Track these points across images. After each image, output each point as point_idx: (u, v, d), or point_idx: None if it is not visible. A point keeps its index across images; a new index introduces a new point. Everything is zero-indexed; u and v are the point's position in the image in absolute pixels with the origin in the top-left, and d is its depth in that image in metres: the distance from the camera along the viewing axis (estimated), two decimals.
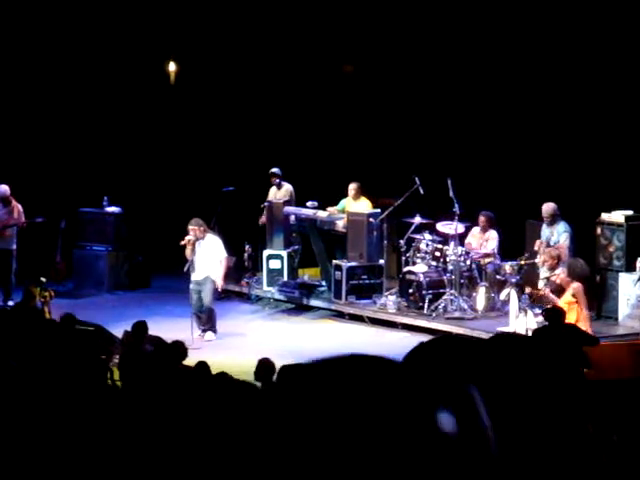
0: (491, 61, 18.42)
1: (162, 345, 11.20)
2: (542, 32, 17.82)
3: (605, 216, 15.80)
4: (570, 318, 13.42)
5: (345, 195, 17.68)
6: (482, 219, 16.41)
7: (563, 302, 13.67)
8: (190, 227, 15.57)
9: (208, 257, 15.51)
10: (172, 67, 21.57)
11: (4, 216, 17.54)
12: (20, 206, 17.60)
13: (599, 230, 15.81)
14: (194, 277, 15.56)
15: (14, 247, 17.50)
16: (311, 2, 20.10)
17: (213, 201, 17.52)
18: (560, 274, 14.21)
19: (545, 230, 15.69)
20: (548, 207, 15.59)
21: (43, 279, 15.30)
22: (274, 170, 18.06)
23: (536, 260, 15.50)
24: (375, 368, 1.61)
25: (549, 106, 17.92)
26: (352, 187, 17.54)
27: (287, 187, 18.12)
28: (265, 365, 9.82)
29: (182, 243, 15.56)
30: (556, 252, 14.75)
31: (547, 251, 14.92)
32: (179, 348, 10.72)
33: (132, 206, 19.09)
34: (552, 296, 13.94)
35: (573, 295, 13.68)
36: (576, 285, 13.78)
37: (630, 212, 15.67)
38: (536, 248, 15.62)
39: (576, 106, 17.65)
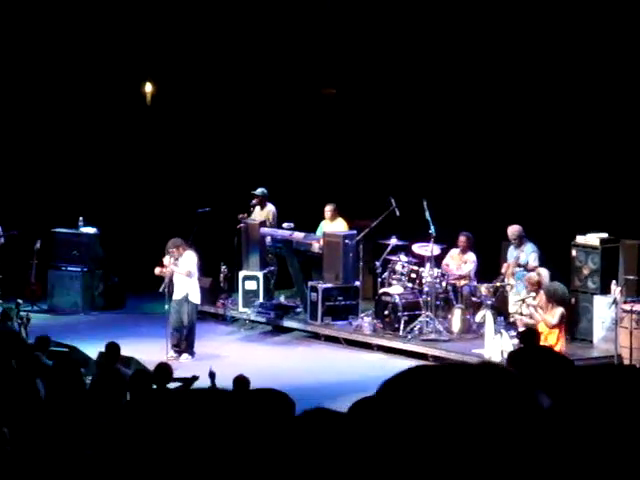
0: (466, 85, 18.51)
1: (144, 368, 11.12)
2: (517, 59, 17.93)
3: (580, 239, 15.87)
4: (550, 341, 13.47)
5: (321, 217, 17.72)
6: (462, 239, 16.43)
7: (544, 325, 13.75)
8: (168, 249, 15.52)
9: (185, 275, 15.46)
10: (148, 88, 21.56)
11: None
12: None
13: (574, 252, 15.87)
14: (174, 296, 15.50)
15: None
16: (291, 25, 20.15)
17: (189, 222, 17.50)
18: (542, 297, 14.25)
19: (512, 252, 15.78)
20: (514, 229, 15.72)
21: (20, 301, 15.23)
22: (257, 191, 18.05)
23: (507, 282, 15.58)
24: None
25: (524, 130, 18.00)
26: (328, 208, 17.61)
27: (269, 208, 18.13)
28: (240, 381, 10.02)
29: (157, 273, 15.53)
30: (536, 278, 14.78)
31: (527, 277, 14.98)
32: (165, 370, 10.66)
33: (108, 226, 19.04)
34: (538, 315, 13.96)
35: (560, 317, 13.74)
36: (560, 310, 13.84)
37: (605, 235, 15.75)
38: (503, 271, 15.71)
39: (551, 130, 17.74)
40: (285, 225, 17.79)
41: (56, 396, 9.83)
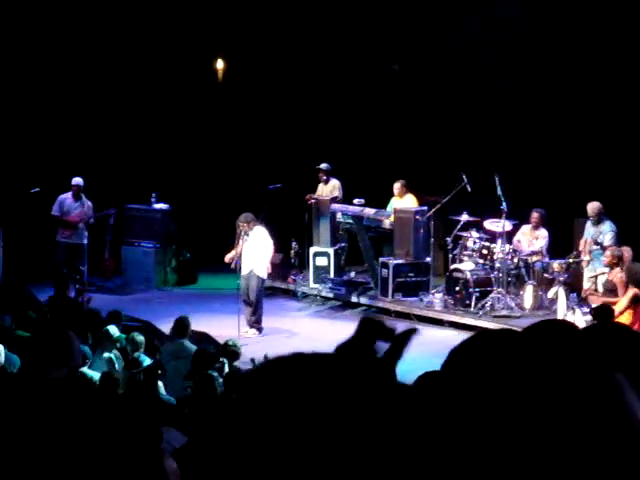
0: (539, 58, 18.31)
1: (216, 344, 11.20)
2: (588, 35, 17.70)
3: None
4: (624, 320, 13.29)
5: (392, 193, 17.70)
6: (535, 215, 16.30)
7: (618, 305, 13.56)
8: (238, 223, 15.58)
9: (254, 250, 15.47)
10: (220, 64, 21.66)
11: (75, 210, 17.67)
12: (90, 202, 17.75)
13: None
14: (242, 271, 15.53)
15: (86, 242, 17.63)
16: (361, 1, 20.10)
17: (260, 198, 17.58)
18: (617, 274, 14.04)
19: (590, 229, 15.58)
20: (593, 206, 15.49)
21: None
22: (321, 166, 18.12)
23: (583, 259, 15.42)
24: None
25: (597, 104, 17.78)
26: (397, 185, 17.64)
27: (334, 183, 18.15)
28: None
29: (227, 260, 15.56)
30: (619, 252, 14.56)
31: (610, 250, 14.74)
32: (233, 348, 10.73)
33: (180, 203, 19.20)
34: (605, 299, 13.76)
35: (631, 299, 13.55)
36: (633, 291, 13.63)
37: None
38: (581, 248, 15.53)
39: (626, 105, 17.50)
40: (356, 201, 17.80)
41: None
